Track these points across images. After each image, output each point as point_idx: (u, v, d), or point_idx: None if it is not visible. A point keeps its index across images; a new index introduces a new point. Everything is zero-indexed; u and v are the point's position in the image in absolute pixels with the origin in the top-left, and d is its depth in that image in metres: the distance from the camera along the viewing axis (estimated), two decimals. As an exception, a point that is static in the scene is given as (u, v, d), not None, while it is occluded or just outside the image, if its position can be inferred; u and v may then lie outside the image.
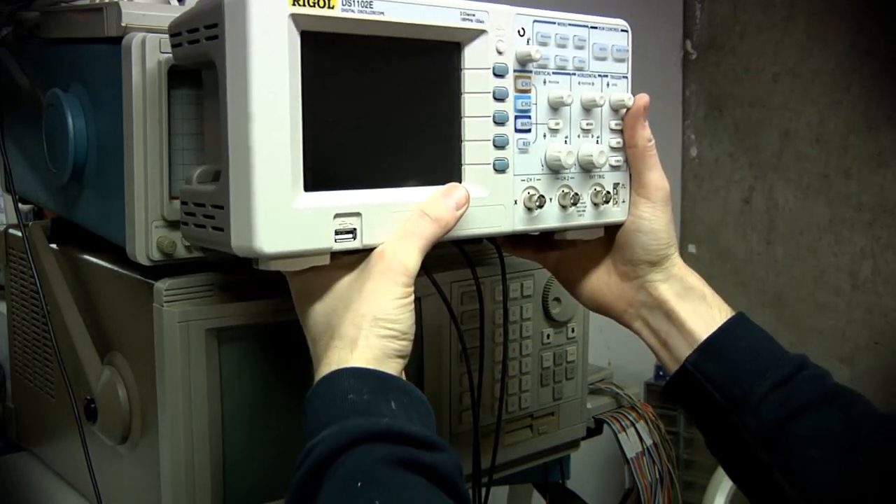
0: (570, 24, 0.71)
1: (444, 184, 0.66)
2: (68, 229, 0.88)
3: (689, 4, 2.36)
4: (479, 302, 0.86)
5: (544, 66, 0.70)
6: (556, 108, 0.70)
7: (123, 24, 0.70)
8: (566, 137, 0.72)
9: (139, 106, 0.69)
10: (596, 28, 0.73)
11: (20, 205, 0.87)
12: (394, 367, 0.60)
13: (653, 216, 0.74)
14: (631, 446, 1.24)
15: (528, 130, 0.69)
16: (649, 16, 2.21)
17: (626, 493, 1.37)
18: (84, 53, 0.78)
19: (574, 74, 0.72)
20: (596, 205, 0.73)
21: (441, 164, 0.67)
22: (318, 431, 0.55)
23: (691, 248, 2.39)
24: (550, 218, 0.71)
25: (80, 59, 0.79)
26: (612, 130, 0.74)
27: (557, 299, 0.95)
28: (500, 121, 0.68)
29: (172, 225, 0.72)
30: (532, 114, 0.70)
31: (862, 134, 2.10)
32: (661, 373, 2.15)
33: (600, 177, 0.74)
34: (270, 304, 0.75)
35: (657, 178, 0.74)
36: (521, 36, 0.68)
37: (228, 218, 0.59)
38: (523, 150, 0.69)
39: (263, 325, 0.76)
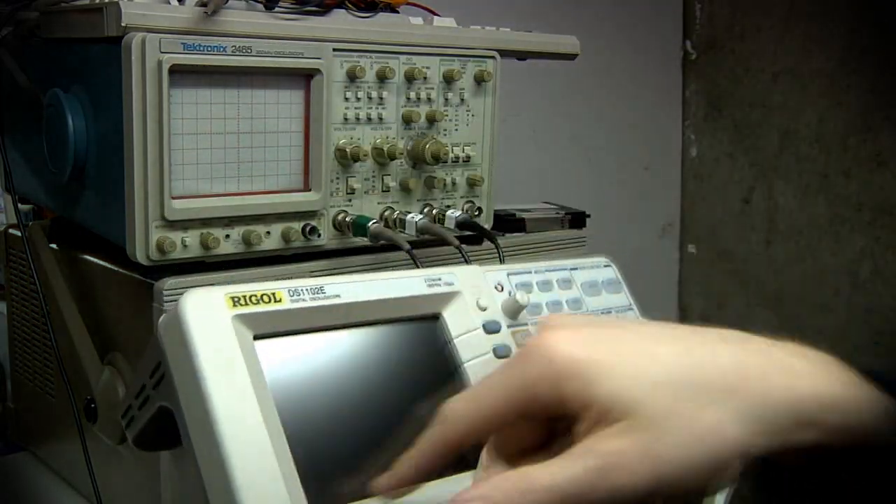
0: (546, 270, 0.64)
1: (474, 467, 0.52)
2: (68, 229, 0.88)
3: (689, 4, 2.36)
4: (478, 301, 0.85)
5: (537, 313, 0.61)
6: None
7: (123, 24, 0.70)
8: None
9: (139, 106, 0.69)
10: (577, 269, 0.66)
11: (20, 205, 0.87)
12: None
13: None
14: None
15: None
16: (649, 16, 2.21)
17: (626, 493, 1.37)
18: (84, 53, 0.78)
19: (574, 314, 0.63)
20: None
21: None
22: None
23: (691, 249, 2.39)
24: None
25: (80, 59, 0.79)
26: None
27: (557, 299, 0.94)
28: None
29: (172, 225, 0.72)
30: None
31: (862, 134, 2.10)
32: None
33: None
34: (270, 304, 0.74)
35: None
36: (500, 291, 0.60)
37: None
38: None
39: (263, 325, 0.75)
